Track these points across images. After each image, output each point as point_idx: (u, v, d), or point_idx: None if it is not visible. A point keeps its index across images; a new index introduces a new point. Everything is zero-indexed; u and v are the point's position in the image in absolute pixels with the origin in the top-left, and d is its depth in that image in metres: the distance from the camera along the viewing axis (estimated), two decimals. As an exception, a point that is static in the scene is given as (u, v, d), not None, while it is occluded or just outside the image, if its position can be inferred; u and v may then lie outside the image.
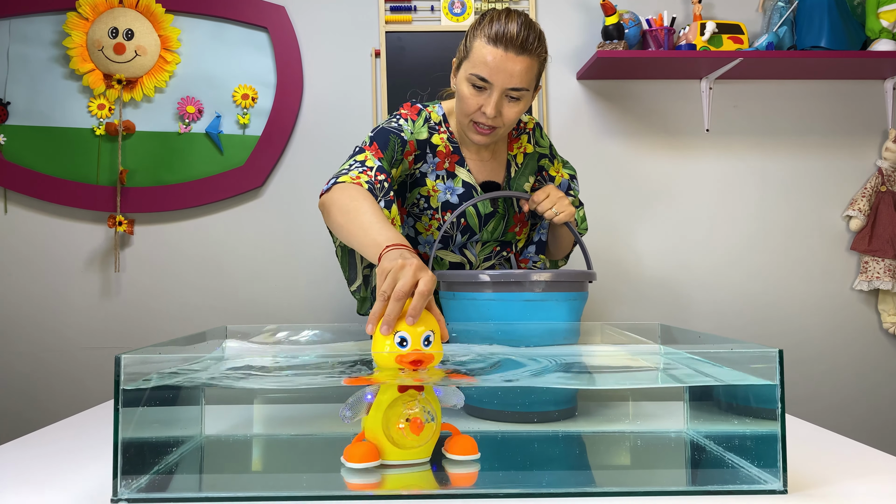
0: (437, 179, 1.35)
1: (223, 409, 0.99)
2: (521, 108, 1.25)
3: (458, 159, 1.36)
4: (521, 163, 1.41)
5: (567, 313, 1.06)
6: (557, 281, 1.04)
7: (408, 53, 2.03)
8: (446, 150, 1.36)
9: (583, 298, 1.09)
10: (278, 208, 2.04)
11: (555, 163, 1.44)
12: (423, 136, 1.36)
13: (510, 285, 1.03)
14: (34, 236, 2.00)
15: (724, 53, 1.90)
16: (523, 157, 1.41)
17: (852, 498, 0.69)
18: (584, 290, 1.10)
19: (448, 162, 1.35)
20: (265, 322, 2.00)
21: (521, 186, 1.40)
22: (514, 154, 1.41)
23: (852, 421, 2.09)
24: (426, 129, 1.36)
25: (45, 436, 0.95)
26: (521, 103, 1.24)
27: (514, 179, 1.40)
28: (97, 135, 1.98)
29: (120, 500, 0.69)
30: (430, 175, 1.35)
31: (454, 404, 0.79)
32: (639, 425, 0.96)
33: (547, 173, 1.43)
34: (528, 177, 1.41)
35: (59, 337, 1.99)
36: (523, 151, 1.41)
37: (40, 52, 1.99)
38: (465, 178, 1.35)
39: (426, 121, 1.37)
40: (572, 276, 1.06)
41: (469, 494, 0.70)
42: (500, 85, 1.19)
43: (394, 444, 0.74)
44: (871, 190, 2.09)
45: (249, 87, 2.01)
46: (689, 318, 2.08)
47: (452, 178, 1.36)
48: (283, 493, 0.70)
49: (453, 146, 1.37)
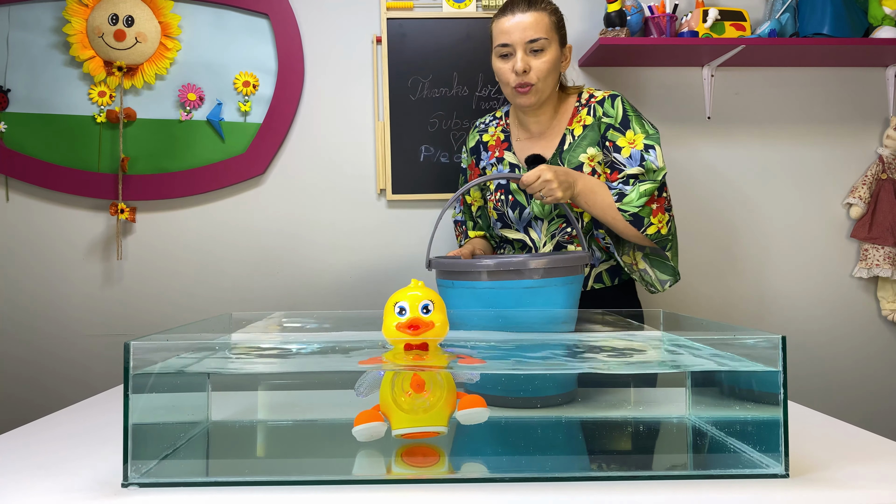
0: (491, 168, 1.53)
1: (229, 395, 1.00)
2: (550, 59, 1.37)
3: (507, 146, 1.51)
4: (578, 135, 1.42)
5: (564, 298, 1.06)
6: (551, 267, 1.04)
7: (409, 40, 2.03)
8: (496, 142, 1.53)
9: (577, 282, 1.10)
10: (280, 196, 2.04)
11: (627, 133, 1.38)
12: (473, 144, 1.59)
13: (505, 273, 1.03)
14: (36, 224, 2.00)
15: (726, 40, 1.89)
16: (582, 129, 1.42)
17: (853, 482, 0.70)
18: (578, 273, 1.11)
19: (498, 150, 1.52)
20: (267, 309, 2.00)
21: (577, 158, 1.40)
22: (573, 128, 1.43)
23: (851, 407, 2.10)
24: (476, 135, 1.59)
25: (51, 422, 0.96)
26: (547, 55, 1.36)
27: (566, 152, 1.41)
28: (98, 122, 1.97)
29: (130, 484, 0.70)
30: (488, 167, 1.53)
31: (469, 378, 0.79)
32: (641, 411, 0.97)
33: (613, 144, 1.39)
34: (587, 148, 1.40)
35: (62, 325, 2.00)
36: (582, 124, 1.42)
37: (40, 38, 1.97)
38: (511, 160, 1.49)
39: (476, 128, 1.59)
40: (564, 261, 1.06)
41: (471, 479, 0.71)
42: (519, 41, 1.35)
43: (401, 409, 0.75)
44: (871, 177, 2.09)
45: (250, 75, 2.00)
46: (689, 305, 2.09)
47: (500, 163, 1.50)
48: (288, 478, 0.71)
49: (504, 135, 1.53)
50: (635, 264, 1.44)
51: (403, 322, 0.76)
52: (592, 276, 1.47)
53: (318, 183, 2.04)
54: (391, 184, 2.02)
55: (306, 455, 0.84)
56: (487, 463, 0.78)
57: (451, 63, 2.02)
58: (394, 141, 2.02)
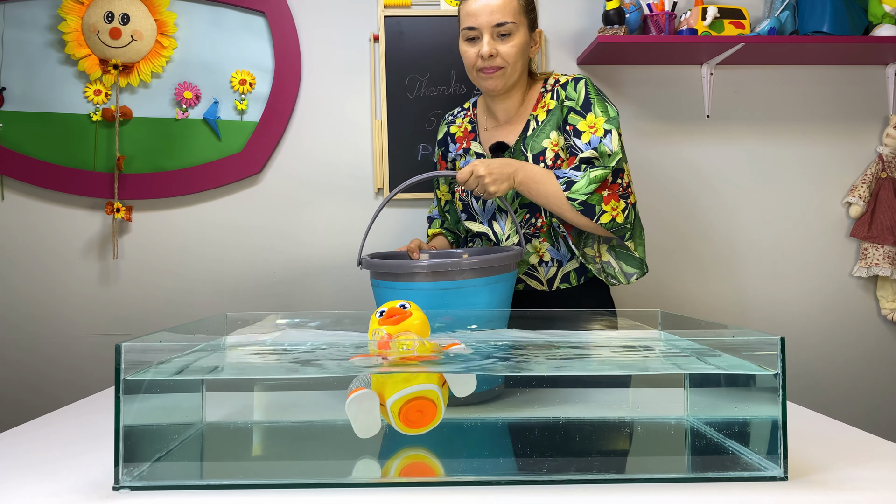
0: (459, 160, 1.49)
1: (224, 395, 0.99)
2: (518, 43, 1.33)
3: (474, 136, 1.47)
4: (541, 120, 1.37)
5: (488, 298, 1.05)
6: (476, 268, 1.04)
7: (407, 38, 2.02)
8: (464, 133, 1.50)
9: (506, 280, 1.09)
10: (277, 194, 2.03)
11: (588, 116, 1.32)
12: (441, 136, 1.55)
13: (430, 275, 1.03)
14: (32, 223, 1.99)
15: (725, 38, 1.88)
16: (546, 113, 1.37)
17: (852, 485, 0.69)
18: (510, 270, 1.11)
19: (465, 142, 1.48)
20: (264, 308, 2.00)
21: (540, 144, 1.35)
22: (536, 113, 1.38)
23: (849, 407, 2.10)
24: (444, 127, 1.55)
25: (45, 424, 0.95)
26: (515, 39, 1.32)
27: (530, 138, 1.36)
28: (94, 121, 1.96)
29: (122, 487, 0.69)
30: (457, 159, 1.49)
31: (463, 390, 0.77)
32: (639, 412, 0.96)
33: (574, 128, 1.32)
34: (550, 133, 1.35)
35: (58, 324, 1.99)
36: (546, 108, 1.38)
37: (35, 36, 1.96)
38: (476, 150, 1.46)
39: (445, 120, 1.56)
40: (486, 262, 1.05)
41: (465, 482, 0.70)
42: (486, 25, 1.31)
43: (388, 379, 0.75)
44: (871, 176, 2.08)
45: (247, 73, 1.99)
46: (686, 305, 2.09)
47: (467, 154, 1.47)
48: (284, 481, 0.70)
49: (472, 125, 1.49)
50: (598, 256, 1.37)
51: (382, 318, 0.81)
52: (559, 275, 1.40)
53: (315, 182, 2.03)
54: (388, 182, 2.01)
55: (303, 457, 0.83)
56: (481, 465, 0.77)
57: (449, 61, 2.01)
58: (391, 139, 2.01)
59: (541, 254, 1.38)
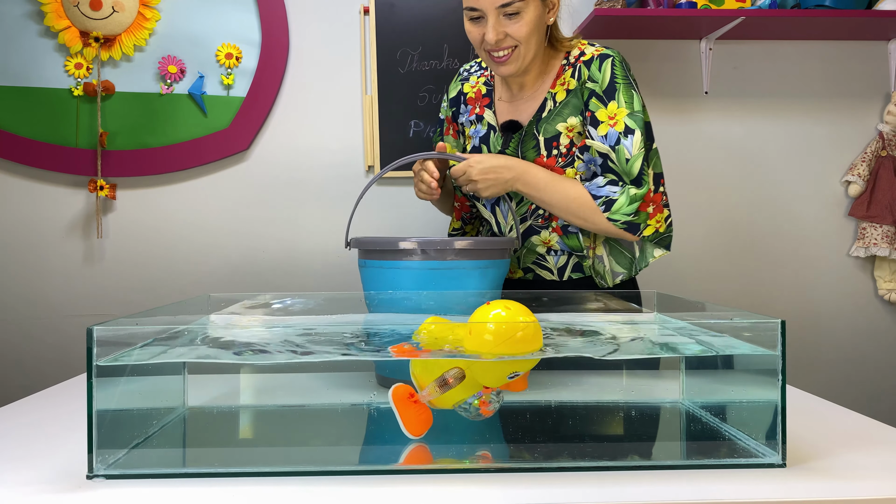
0: (471, 125, 1.35)
1: (207, 378, 0.96)
2: (529, 21, 1.16)
3: (488, 102, 1.34)
4: (559, 101, 1.23)
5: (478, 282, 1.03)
6: (469, 249, 1.02)
7: (398, 11, 1.96)
8: (476, 95, 1.36)
9: (498, 266, 1.07)
10: (265, 172, 1.98)
11: (610, 105, 1.18)
12: (454, 94, 1.40)
13: (419, 253, 1.01)
14: (12, 201, 1.94)
15: (725, 12, 1.84)
16: (565, 94, 1.23)
17: (852, 472, 0.67)
18: (503, 258, 1.09)
19: (478, 106, 1.34)
20: (252, 288, 1.97)
21: (554, 128, 1.22)
22: (555, 91, 1.24)
23: (846, 389, 2.09)
24: (458, 84, 1.39)
25: (18, 409, 0.92)
26: (525, 17, 1.15)
27: (544, 120, 1.23)
28: (75, 95, 1.90)
29: (96, 476, 0.67)
30: (467, 124, 1.36)
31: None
32: (633, 396, 0.94)
33: (592, 115, 1.19)
34: (568, 118, 1.21)
35: (42, 305, 1.95)
36: (566, 87, 1.23)
37: (13, 7, 1.90)
38: (490, 120, 1.33)
39: (460, 75, 1.41)
40: (475, 243, 1.04)
41: (458, 469, 0.68)
42: (489, 6, 1.15)
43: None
44: (871, 154, 2.05)
45: (233, 46, 1.93)
46: (683, 284, 2.07)
47: (479, 122, 1.34)
48: (271, 468, 0.67)
49: (487, 88, 1.35)
50: (593, 248, 1.25)
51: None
52: (570, 265, 1.28)
53: (304, 159, 1.99)
54: (380, 160, 1.96)
55: (292, 443, 0.81)
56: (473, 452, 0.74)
57: (442, 35, 1.96)
58: (382, 115, 1.96)
59: (549, 244, 1.27)
